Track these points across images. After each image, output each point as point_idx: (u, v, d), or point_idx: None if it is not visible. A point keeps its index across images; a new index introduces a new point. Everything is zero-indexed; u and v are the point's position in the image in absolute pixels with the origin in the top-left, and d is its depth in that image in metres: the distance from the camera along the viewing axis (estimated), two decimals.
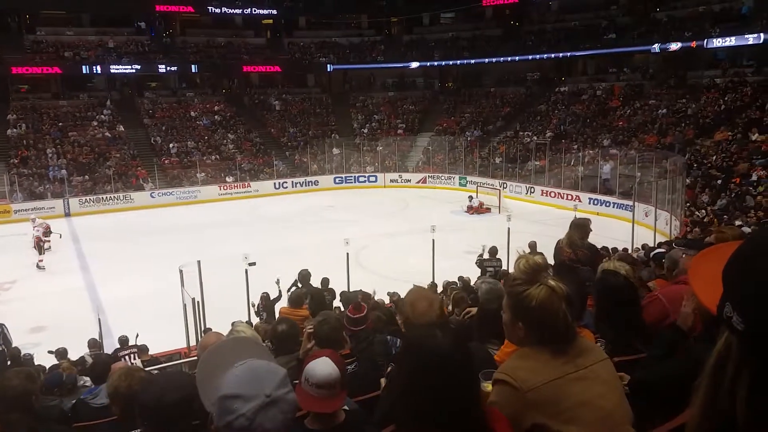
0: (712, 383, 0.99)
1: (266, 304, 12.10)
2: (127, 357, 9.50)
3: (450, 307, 8.88)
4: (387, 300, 11.63)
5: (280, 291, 12.06)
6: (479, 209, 27.28)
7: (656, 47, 32.60)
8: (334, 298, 11.64)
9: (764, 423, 0.90)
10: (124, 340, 10.70)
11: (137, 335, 10.88)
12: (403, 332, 3.34)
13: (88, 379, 5.94)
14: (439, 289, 12.53)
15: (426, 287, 5.05)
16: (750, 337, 0.90)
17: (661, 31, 33.67)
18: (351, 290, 13.51)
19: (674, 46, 31.92)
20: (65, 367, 6.43)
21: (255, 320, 11.71)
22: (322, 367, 2.33)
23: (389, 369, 3.29)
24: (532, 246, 12.85)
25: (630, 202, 21.73)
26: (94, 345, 10.40)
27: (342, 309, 11.26)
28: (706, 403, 1.00)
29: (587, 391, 1.79)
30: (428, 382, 1.58)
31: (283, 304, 11.17)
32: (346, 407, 2.64)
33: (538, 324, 1.86)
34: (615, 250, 12.74)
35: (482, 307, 4.16)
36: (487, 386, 1.91)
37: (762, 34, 28.03)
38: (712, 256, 1.11)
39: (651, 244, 15.08)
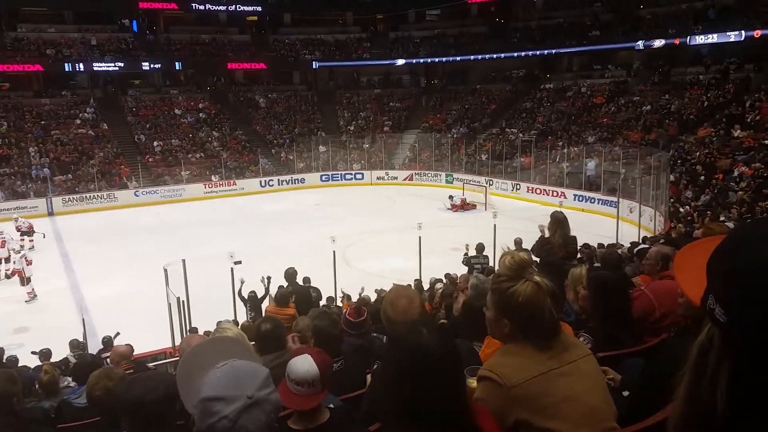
0: (694, 375, 1.00)
1: (254, 303, 12.05)
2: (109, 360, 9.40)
3: (437, 301, 8.88)
4: (373, 297, 11.62)
5: (266, 289, 12.01)
6: (464, 206, 27.35)
7: (640, 44, 32.88)
8: (320, 297, 11.62)
9: (743, 414, 0.91)
10: (107, 341, 10.60)
11: (117, 334, 10.81)
12: (388, 330, 3.34)
13: (70, 378, 5.89)
14: (426, 286, 12.56)
15: (407, 285, 5.04)
16: (731, 329, 0.91)
17: (644, 28, 33.99)
18: (338, 287, 13.53)
19: (658, 43, 32.20)
20: (46, 368, 6.34)
21: (241, 319, 11.67)
22: (302, 364, 2.34)
23: (374, 366, 3.29)
24: (518, 242, 12.91)
25: (615, 199, 21.90)
26: (77, 346, 10.30)
27: (330, 307, 11.26)
28: (688, 395, 1.01)
29: (572, 387, 1.79)
30: (414, 379, 1.57)
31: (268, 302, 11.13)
32: (331, 405, 2.62)
33: (524, 320, 1.86)
34: (601, 246, 12.82)
35: (469, 303, 4.17)
36: (472, 382, 1.91)
37: (743, 32, 28.37)
38: (696, 250, 1.13)
39: (635, 240, 15.20)
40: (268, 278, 11.97)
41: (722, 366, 0.93)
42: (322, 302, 11.54)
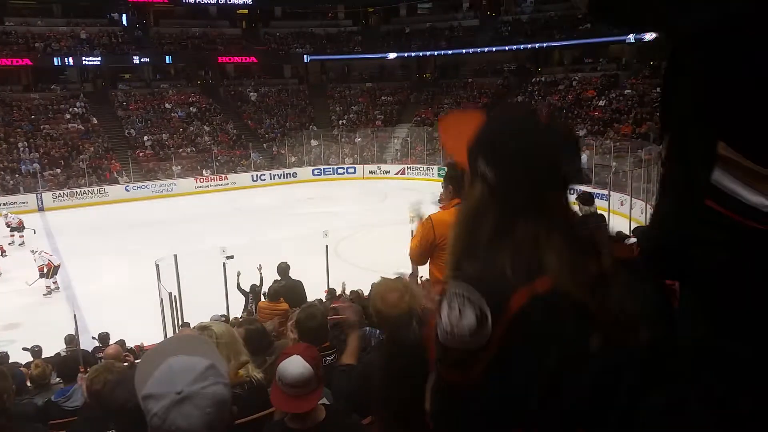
0: (470, 228, 1.18)
1: (255, 295, 12.00)
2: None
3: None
4: (366, 291, 11.61)
5: (261, 279, 11.98)
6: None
7: (631, 38, 32.92)
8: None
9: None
10: (104, 337, 10.55)
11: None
12: (377, 323, 3.33)
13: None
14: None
15: (395, 277, 4.98)
16: (501, 186, 1.12)
17: None
18: (330, 283, 13.54)
19: (649, 36, 32.25)
20: (36, 362, 6.31)
21: (234, 314, 11.66)
22: (294, 366, 2.31)
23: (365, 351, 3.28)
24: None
25: (606, 192, 21.97)
26: (71, 341, 10.28)
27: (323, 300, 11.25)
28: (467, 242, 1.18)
29: None
30: (404, 372, 1.57)
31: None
32: (325, 401, 2.62)
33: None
34: None
35: None
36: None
37: None
38: (457, 121, 1.37)
39: (626, 233, 15.28)
40: (260, 269, 11.96)
41: (488, 218, 1.14)
42: (316, 297, 11.53)
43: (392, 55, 43.13)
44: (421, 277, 11.10)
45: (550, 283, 1.03)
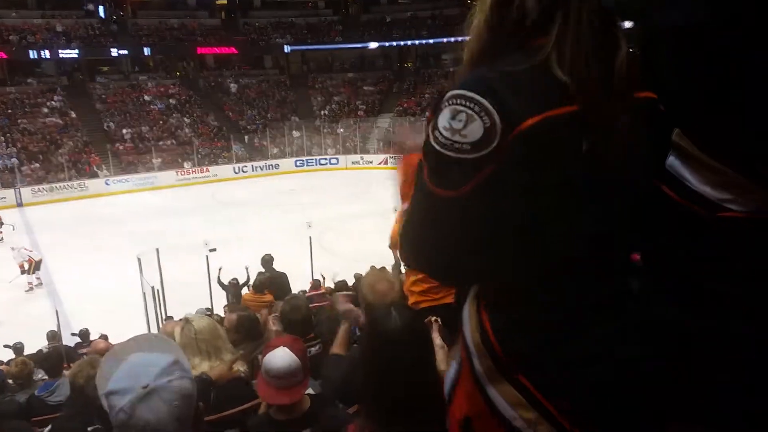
0: (494, 21, 1.14)
1: (235, 290, 12.00)
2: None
3: None
4: (350, 282, 11.63)
5: (248, 276, 11.97)
6: None
7: None
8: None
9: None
10: (84, 334, 10.47)
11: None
12: (366, 313, 3.34)
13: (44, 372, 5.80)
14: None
15: (383, 267, 5.00)
16: None
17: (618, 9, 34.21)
18: (314, 273, 13.55)
19: (627, 24, 32.42)
20: (17, 360, 6.24)
21: (217, 307, 11.62)
22: (281, 357, 2.31)
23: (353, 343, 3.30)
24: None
25: None
26: (53, 338, 10.19)
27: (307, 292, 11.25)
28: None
29: None
30: (384, 363, 1.59)
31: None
32: (311, 391, 2.64)
33: None
34: None
35: None
36: None
37: None
38: None
39: None
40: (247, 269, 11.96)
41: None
42: (301, 288, 11.53)
43: (373, 45, 42.92)
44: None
45: (574, 104, 0.95)
